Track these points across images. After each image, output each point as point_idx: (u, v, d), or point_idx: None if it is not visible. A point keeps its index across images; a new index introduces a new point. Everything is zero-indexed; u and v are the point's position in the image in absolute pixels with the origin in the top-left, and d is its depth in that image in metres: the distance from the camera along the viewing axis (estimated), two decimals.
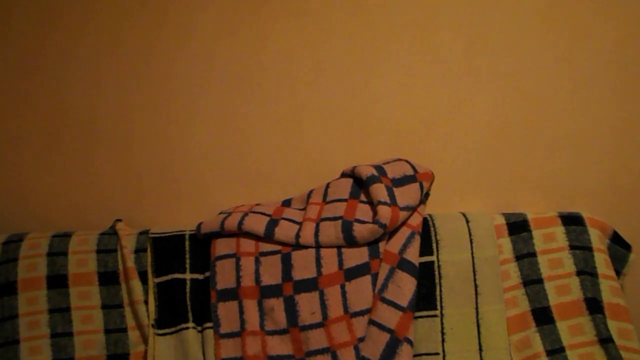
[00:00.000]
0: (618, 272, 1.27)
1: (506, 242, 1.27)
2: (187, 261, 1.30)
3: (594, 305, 1.21)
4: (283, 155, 1.42)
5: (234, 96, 1.42)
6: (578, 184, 1.36)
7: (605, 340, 1.19)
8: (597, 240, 1.25)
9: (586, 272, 1.23)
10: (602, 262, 1.24)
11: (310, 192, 1.36)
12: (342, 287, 1.22)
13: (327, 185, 1.35)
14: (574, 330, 1.21)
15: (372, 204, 1.28)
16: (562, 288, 1.23)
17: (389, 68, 1.39)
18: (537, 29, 1.36)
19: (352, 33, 1.39)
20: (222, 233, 1.29)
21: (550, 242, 1.26)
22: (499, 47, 1.37)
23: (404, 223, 1.26)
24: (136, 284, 1.28)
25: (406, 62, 1.39)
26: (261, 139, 1.42)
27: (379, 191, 1.24)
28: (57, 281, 1.28)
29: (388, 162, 1.34)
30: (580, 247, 1.25)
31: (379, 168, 1.30)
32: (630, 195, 1.35)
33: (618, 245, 1.28)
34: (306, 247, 1.26)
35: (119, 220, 1.39)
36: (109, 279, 1.29)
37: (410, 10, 1.38)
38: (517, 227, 1.28)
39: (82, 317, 1.27)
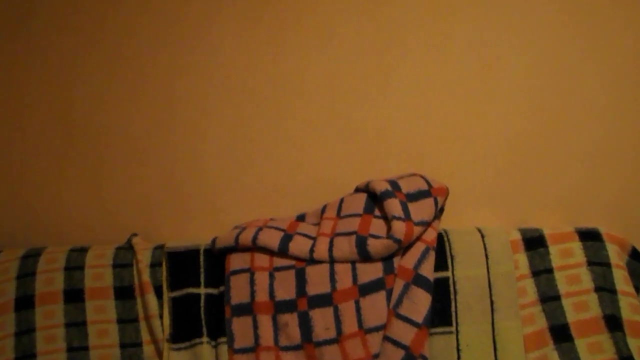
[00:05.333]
0: (637, 289, 1.25)
1: (522, 258, 1.25)
2: (202, 276, 1.30)
3: (613, 323, 1.19)
4: (297, 169, 1.42)
5: (247, 110, 1.43)
6: (596, 199, 1.35)
7: (625, 359, 1.16)
8: (616, 257, 1.23)
9: (605, 289, 1.21)
10: (620, 278, 1.22)
11: (325, 207, 1.36)
12: (357, 302, 1.22)
13: (341, 200, 1.35)
14: (593, 348, 1.19)
15: (387, 219, 1.27)
16: (580, 305, 1.21)
17: (402, 83, 1.39)
18: (551, 44, 1.36)
19: (366, 48, 1.40)
20: (236, 248, 1.29)
21: (568, 258, 1.24)
22: (513, 61, 1.37)
23: (418, 238, 1.26)
24: (151, 299, 1.28)
25: (420, 76, 1.39)
26: (275, 154, 1.42)
27: (393, 206, 1.24)
28: (74, 295, 1.29)
29: (402, 177, 1.33)
30: (598, 263, 1.23)
31: (393, 183, 1.29)
32: None
33: (637, 262, 1.26)
34: (320, 262, 1.25)
35: (135, 234, 1.40)
36: (124, 293, 1.30)
37: (423, 25, 1.39)
38: (534, 242, 1.26)
39: (98, 331, 1.28)
